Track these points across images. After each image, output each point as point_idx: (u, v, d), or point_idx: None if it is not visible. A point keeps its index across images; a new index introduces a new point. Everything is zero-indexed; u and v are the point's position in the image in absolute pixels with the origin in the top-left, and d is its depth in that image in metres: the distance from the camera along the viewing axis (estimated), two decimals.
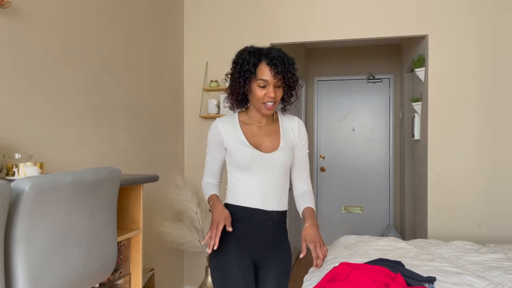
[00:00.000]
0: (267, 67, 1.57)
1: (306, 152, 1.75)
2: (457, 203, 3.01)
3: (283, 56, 1.59)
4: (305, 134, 1.75)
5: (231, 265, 1.61)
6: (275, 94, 1.58)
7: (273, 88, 1.58)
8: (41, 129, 1.99)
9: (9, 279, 1.18)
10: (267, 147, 1.66)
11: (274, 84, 1.58)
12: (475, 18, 2.99)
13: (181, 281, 3.52)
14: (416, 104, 3.49)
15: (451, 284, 1.79)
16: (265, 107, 1.60)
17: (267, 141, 1.67)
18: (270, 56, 1.57)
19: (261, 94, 1.59)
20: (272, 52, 1.59)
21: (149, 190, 2.80)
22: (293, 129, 1.72)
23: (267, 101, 1.59)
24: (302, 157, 1.74)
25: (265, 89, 1.58)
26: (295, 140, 1.71)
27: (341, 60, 5.46)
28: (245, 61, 1.60)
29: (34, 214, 1.20)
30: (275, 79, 1.57)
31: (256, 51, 1.61)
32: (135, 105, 2.80)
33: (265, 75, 1.57)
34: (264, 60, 1.58)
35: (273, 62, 1.56)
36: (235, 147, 1.65)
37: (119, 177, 1.59)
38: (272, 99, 1.59)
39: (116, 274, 1.94)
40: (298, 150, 1.72)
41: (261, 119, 1.69)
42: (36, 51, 1.97)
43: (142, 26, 2.90)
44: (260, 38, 3.35)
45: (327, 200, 5.47)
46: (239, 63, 1.62)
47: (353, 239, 2.65)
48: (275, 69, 1.55)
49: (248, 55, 1.60)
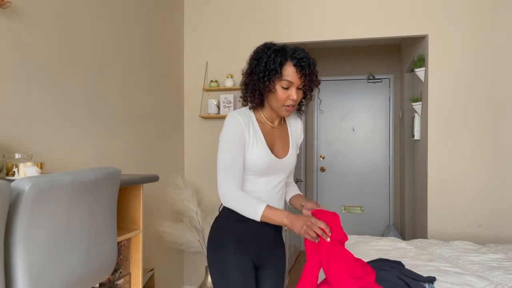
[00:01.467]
0: (294, 68, 1.49)
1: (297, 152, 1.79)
2: (457, 203, 3.01)
3: (308, 57, 1.51)
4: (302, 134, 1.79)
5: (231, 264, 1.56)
6: (297, 97, 1.52)
7: (296, 90, 1.52)
8: (41, 129, 1.99)
9: (9, 279, 1.18)
10: (279, 150, 1.61)
11: (298, 85, 1.52)
12: (475, 18, 2.99)
13: (181, 281, 3.52)
14: (416, 104, 3.49)
15: (451, 284, 1.79)
16: (285, 109, 1.54)
17: (279, 143, 1.62)
18: (298, 57, 1.49)
19: (284, 96, 1.51)
20: (299, 53, 1.50)
21: (149, 190, 2.80)
22: (298, 130, 1.74)
23: (288, 104, 1.52)
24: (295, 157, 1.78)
25: (288, 91, 1.51)
26: (299, 140, 1.75)
27: (341, 60, 5.46)
28: (271, 59, 1.50)
29: (34, 214, 1.20)
30: (300, 81, 1.50)
31: (281, 50, 1.51)
32: (135, 105, 2.80)
33: (290, 76, 1.49)
34: (290, 61, 1.49)
35: (300, 63, 1.48)
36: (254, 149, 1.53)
37: (119, 177, 1.59)
38: (294, 101, 1.53)
39: (116, 274, 1.94)
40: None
41: (275, 120, 1.63)
42: (36, 51, 1.97)
43: (142, 26, 2.90)
44: (260, 38, 3.31)
45: (327, 200, 5.47)
46: (263, 60, 1.51)
47: (353, 239, 2.65)
48: (301, 71, 1.48)
49: (273, 54, 1.50)
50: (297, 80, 1.49)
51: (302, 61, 1.48)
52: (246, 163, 1.54)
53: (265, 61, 1.50)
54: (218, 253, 1.60)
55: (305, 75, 1.49)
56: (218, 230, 1.64)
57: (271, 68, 1.49)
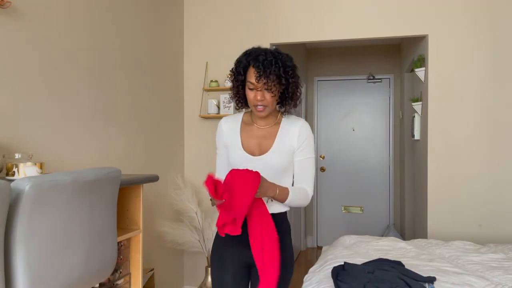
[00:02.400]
0: (253, 69, 1.55)
1: (309, 157, 1.66)
2: (457, 203, 3.01)
3: (271, 58, 1.54)
4: (307, 136, 1.66)
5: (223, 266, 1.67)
6: (262, 97, 1.56)
7: (261, 91, 1.56)
8: (41, 129, 1.99)
9: (9, 279, 1.18)
10: (261, 149, 1.64)
11: (261, 87, 1.55)
12: (475, 18, 2.99)
13: (181, 281, 3.52)
14: (416, 104, 3.49)
15: (451, 284, 1.79)
16: (256, 109, 1.61)
17: (263, 142, 1.65)
18: (257, 59, 1.55)
19: (250, 97, 1.59)
20: (260, 55, 1.56)
21: (149, 190, 2.80)
22: (293, 132, 1.66)
23: (256, 104, 1.59)
24: (303, 162, 1.65)
25: (254, 92, 1.57)
26: (294, 143, 1.65)
27: (341, 60, 5.46)
28: (238, 63, 1.62)
29: (34, 214, 1.20)
30: (259, 83, 1.54)
31: (251, 53, 1.60)
32: (135, 105, 2.80)
33: (251, 78, 1.56)
34: (252, 63, 1.57)
35: (257, 65, 1.54)
36: (230, 148, 1.69)
37: (119, 177, 1.59)
38: (260, 102, 1.57)
39: (116, 274, 1.94)
40: (297, 154, 1.65)
41: (261, 121, 1.68)
42: (36, 51, 1.97)
43: (142, 26, 2.90)
44: (260, 38, 3.35)
45: (327, 200, 5.47)
46: (234, 66, 1.65)
47: (353, 239, 2.65)
48: (258, 72, 1.53)
49: (242, 58, 1.61)
50: (255, 81, 1.55)
51: (258, 62, 1.53)
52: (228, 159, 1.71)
53: (236, 66, 1.63)
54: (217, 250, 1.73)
55: (263, 76, 1.52)
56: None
57: (237, 72, 1.62)
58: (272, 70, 1.53)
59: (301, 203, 1.66)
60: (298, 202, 1.64)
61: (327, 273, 1.97)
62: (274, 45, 3.39)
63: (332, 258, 2.23)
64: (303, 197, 1.65)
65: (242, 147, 1.66)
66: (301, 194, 1.64)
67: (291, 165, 1.66)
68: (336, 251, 2.39)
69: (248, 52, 1.62)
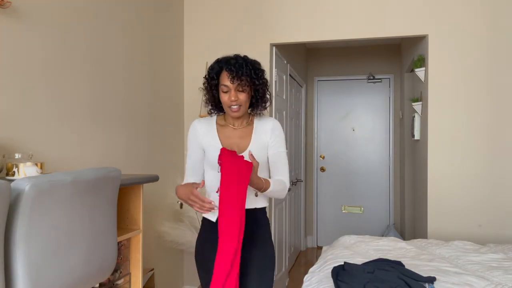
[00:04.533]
0: (226, 72, 1.70)
1: (281, 151, 1.81)
2: (457, 203, 3.01)
3: (242, 62, 1.70)
4: (279, 133, 1.82)
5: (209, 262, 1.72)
6: (236, 98, 1.69)
7: (235, 92, 1.70)
8: (41, 129, 1.99)
9: (9, 279, 1.18)
10: (239, 148, 1.76)
11: (235, 88, 1.69)
12: (475, 18, 2.99)
13: (181, 281, 3.52)
14: (416, 104, 3.49)
15: (451, 284, 1.79)
16: (231, 110, 1.72)
17: (240, 142, 1.78)
18: (229, 63, 1.70)
19: (225, 99, 1.72)
20: (231, 59, 1.72)
21: (149, 190, 2.80)
22: (266, 129, 1.81)
23: (231, 105, 1.71)
24: (277, 155, 1.80)
25: (227, 94, 1.70)
26: (267, 140, 1.80)
27: (341, 60, 5.47)
28: (211, 69, 1.76)
29: (34, 214, 1.20)
30: (233, 84, 1.68)
31: (222, 60, 1.75)
32: (135, 105, 2.80)
33: (224, 81, 1.70)
34: (224, 67, 1.71)
35: (229, 67, 1.69)
36: (209, 148, 1.78)
37: (119, 177, 1.59)
38: (234, 102, 1.70)
39: (116, 274, 1.94)
40: (271, 148, 1.80)
41: (235, 122, 1.81)
42: (36, 51, 1.97)
43: (142, 26, 2.90)
44: (260, 38, 3.35)
45: (327, 200, 5.47)
46: (207, 73, 1.78)
47: (353, 239, 2.65)
48: (231, 74, 1.68)
49: (214, 64, 1.76)
50: (229, 83, 1.69)
51: (230, 65, 1.69)
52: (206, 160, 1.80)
53: (208, 73, 1.77)
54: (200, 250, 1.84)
55: (234, 77, 1.67)
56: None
57: (211, 77, 1.76)
58: (244, 72, 1.68)
59: (280, 194, 1.78)
60: (278, 193, 1.76)
61: (327, 273, 1.97)
62: (274, 45, 3.39)
63: (332, 258, 2.23)
64: (282, 188, 1.78)
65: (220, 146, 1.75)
66: (280, 185, 1.76)
67: (266, 161, 1.81)
68: (336, 251, 2.39)
69: (219, 59, 1.76)
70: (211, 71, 1.76)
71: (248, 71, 1.69)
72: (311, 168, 5.50)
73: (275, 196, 1.78)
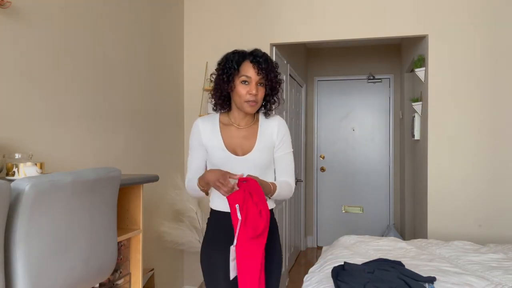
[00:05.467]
0: (251, 64, 1.63)
1: (288, 152, 1.75)
2: (457, 203, 3.01)
3: (266, 56, 1.65)
4: (285, 132, 1.75)
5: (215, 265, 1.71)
6: (256, 91, 1.63)
7: (256, 85, 1.63)
8: (41, 129, 1.99)
9: (9, 279, 1.18)
10: (244, 148, 1.69)
11: (257, 81, 1.63)
12: (475, 18, 2.99)
13: (181, 281, 3.52)
14: (416, 104, 3.49)
15: (451, 284, 1.79)
16: (248, 104, 1.64)
17: (245, 142, 1.70)
18: (254, 54, 1.64)
19: (243, 91, 1.63)
20: (256, 52, 1.65)
21: (149, 190, 2.80)
22: (272, 128, 1.74)
23: (249, 99, 1.63)
24: (284, 157, 1.74)
25: (248, 86, 1.62)
26: (274, 140, 1.73)
27: (341, 60, 5.46)
28: (229, 59, 1.66)
29: (34, 214, 1.20)
30: (258, 76, 1.62)
31: (241, 52, 1.67)
32: (135, 105, 2.80)
33: (248, 72, 1.62)
34: (248, 58, 1.64)
35: (256, 59, 1.62)
36: (211, 148, 1.71)
37: (119, 177, 1.59)
38: (254, 96, 1.63)
39: (116, 274, 1.94)
40: (277, 150, 1.74)
41: (241, 121, 1.73)
42: (36, 51, 1.97)
43: (142, 26, 2.90)
44: (260, 38, 3.35)
45: (327, 200, 5.47)
46: (223, 62, 1.68)
47: (353, 239, 2.65)
48: (258, 65, 1.61)
49: (232, 55, 1.67)
50: (254, 75, 1.62)
51: (258, 57, 1.62)
52: (209, 160, 1.74)
53: (225, 62, 1.67)
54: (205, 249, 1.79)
55: (262, 69, 1.61)
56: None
57: (229, 66, 1.64)
58: (269, 67, 1.63)
59: (286, 195, 1.74)
60: (284, 194, 1.72)
61: (327, 273, 1.97)
62: (274, 45, 3.39)
63: (332, 258, 2.23)
64: (288, 190, 1.73)
65: (225, 147, 1.69)
66: (286, 187, 1.72)
67: (272, 161, 1.74)
68: (336, 251, 2.39)
69: (237, 51, 1.68)
70: (230, 61, 1.64)
71: (271, 67, 1.65)
72: (311, 168, 5.50)
73: (282, 198, 1.73)
